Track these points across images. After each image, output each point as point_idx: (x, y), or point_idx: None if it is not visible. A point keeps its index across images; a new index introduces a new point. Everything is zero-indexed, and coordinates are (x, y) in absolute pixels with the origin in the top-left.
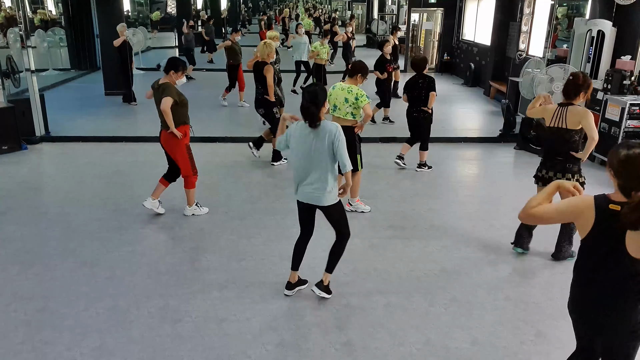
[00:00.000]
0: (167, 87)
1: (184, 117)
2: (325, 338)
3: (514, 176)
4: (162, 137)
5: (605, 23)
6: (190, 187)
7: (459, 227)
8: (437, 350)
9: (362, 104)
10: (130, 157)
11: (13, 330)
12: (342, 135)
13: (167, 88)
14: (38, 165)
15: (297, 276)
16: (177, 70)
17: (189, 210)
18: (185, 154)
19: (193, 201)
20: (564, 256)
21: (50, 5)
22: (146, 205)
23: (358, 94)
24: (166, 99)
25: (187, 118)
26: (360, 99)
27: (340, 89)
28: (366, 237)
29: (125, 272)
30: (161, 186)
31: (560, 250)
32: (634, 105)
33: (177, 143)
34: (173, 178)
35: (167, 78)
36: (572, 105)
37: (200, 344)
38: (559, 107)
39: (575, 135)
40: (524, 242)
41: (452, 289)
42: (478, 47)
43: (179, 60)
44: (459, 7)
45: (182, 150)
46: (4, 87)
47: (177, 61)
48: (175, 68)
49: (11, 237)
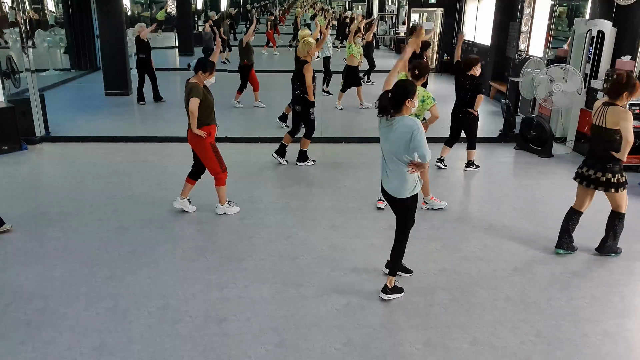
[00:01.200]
0: (193, 87)
1: (207, 117)
2: (325, 338)
3: (514, 176)
4: (189, 136)
5: (605, 23)
6: (219, 185)
7: (459, 227)
8: (437, 350)
9: (429, 107)
10: (130, 157)
11: (13, 330)
12: (420, 127)
13: (194, 88)
14: (38, 165)
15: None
16: (205, 71)
17: (220, 209)
18: (210, 153)
19: (224, 199)
20: (607, 251)
21: (51, 5)
22: (176, 205)
23: (425, 96)
24: (193, 100)
25: (211, 119)
26: (427, 100)
27: None
28: (366, 237)
29: (125, 272)
30: (188, 185)
31: (604, 245)
32: (634, 105)
33: (202, 142)
34: (198, 176)
35: (196, 78)
36: (614, 106)
37: (200, 344)
38: (601, 106)
39: (614, 135)
40: (563, 243)
41: (452, 289)
42: (478, 47)
43: (208, 62)
44: (459, 7)
45: (207, 150)
46: (4, 87)
47: (206, 62)
48: (203, 69)
49: (11, 237)
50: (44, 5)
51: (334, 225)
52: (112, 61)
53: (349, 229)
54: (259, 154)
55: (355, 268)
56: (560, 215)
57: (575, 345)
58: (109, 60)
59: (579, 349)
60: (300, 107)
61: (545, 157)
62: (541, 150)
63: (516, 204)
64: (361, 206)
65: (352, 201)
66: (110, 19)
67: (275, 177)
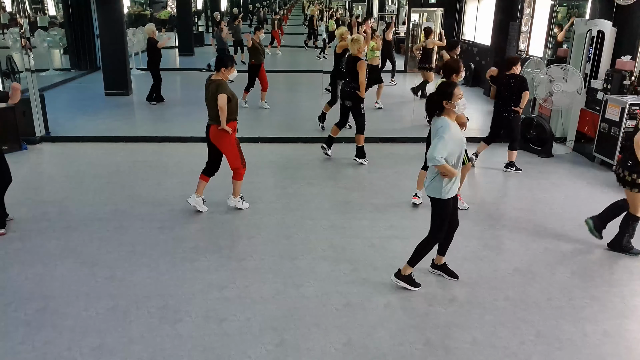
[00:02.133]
0: (221, 84)
1: (234, 113)
2: (325, 338)
3: (514, 176)
4: (212, 132)
5: (605, 23)
6: (238, 179)
7: (459, 227)
8: (437, 350)
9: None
10: (130, 157)
11: (13, 330)
12: (446, 129)
13: (222, 85)
14: (38, 165)
15: (442, 259)
16: (227, 66)
17: (232, 201)
18: (235, 148)
19: (239, 193)
20: (622, 249)
21: (51, 5)
22: (190, 201)
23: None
24: (222, 96)
25: (236, 114)
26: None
27: None
28: (366, 237)
29: (125, 272)
30: (202, 182)
31: (619, 241)
32: (634, 105)
33: (227, 138)
34: (212, 172)
35: (220, 75)
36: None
37: (200, 344)
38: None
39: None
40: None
41: (452, 289)
42: (478, 47)
43: (227, 57)
44: (459, 7)
45: (232, 145)
46: (4, 87)
47: (226, 58)
48: (225, 65)
49: (11, 237)
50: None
51: (334, 225)
52: (112, 61)
53: (349, 229)
54: (258, 154)
55: (355, 268)
56: (561, 215)
57: (575, 345)
58: (109, 60)
59: (579, 349)
60: (351, 102)
61: (545, 157)
62: (541, 150)
63: (516, 204)
64: (361, 206)
65: (352, 201)
66: (110, 19)
67: (275, 177)
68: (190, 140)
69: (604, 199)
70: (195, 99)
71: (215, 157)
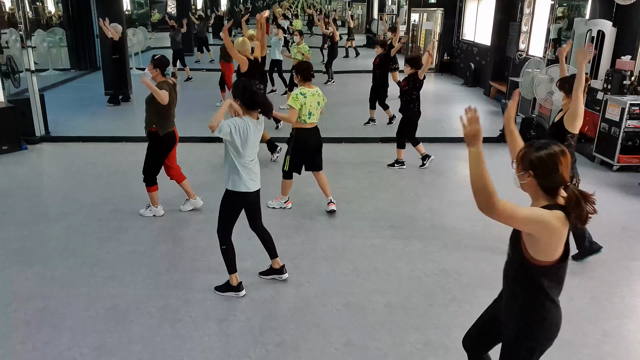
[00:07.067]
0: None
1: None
2: (325, 338)
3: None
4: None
5: (605, 23)
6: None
7: (459, 227)
8: (437, 350)
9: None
10: (130, 157)
11: (13, 330)
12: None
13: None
14: (38, 165)
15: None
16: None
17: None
18: None
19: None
20: (590, 252)
21: (51, 5)
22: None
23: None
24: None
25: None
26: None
27: (311, 94)
28: (366, 237)
29: (125, 272)
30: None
31: (583, 248)
32: (634, 105)
33: None
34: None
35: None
36: None
37: (200, 344)
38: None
39: None
40: (585, 250)
41: (452, 289)
42: (478, 47)
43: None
44: (459, 7)
45: None
46: (4, 87)
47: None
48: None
49: (11, 237)
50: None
51: (334, 226)
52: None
53: (349, 229)
54: (258, 154)
55: (355, 268)
56: None
57: (575, 345)
58: (109, 60)
59: (579, 349)
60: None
61: None
62: None
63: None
64: (361, 206)
65: (352, 201)
66: (110, 19)
67: (273, 178)
68: (190, 140)
69: (603, 199)
70: (195, 99)
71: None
